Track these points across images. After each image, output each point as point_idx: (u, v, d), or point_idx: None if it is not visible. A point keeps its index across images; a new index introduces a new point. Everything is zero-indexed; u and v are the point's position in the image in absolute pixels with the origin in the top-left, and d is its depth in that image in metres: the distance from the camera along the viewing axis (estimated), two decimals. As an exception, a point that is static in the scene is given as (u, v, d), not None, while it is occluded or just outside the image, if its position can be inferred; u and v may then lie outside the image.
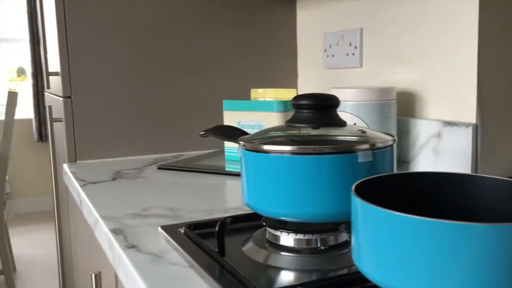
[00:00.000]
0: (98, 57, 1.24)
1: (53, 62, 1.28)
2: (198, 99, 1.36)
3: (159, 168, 1.14)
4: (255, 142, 0.60)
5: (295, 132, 0.63)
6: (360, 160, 0.56)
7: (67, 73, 1.22)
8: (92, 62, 1.24)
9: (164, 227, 0.69)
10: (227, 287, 0.50)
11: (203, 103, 1.36)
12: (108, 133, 1.27)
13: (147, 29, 1.28)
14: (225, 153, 1.21)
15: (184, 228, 0.67)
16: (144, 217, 0.78)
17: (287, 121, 0.63)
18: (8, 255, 2.62)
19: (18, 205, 4.09)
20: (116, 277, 0.76)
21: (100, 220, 0.77)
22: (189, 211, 0.80)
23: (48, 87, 1.26)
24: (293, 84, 1.47)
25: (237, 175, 1.06)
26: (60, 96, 1.26)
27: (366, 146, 0.57)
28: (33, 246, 3.37)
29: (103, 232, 0.73)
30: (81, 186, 0.98)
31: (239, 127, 1.11)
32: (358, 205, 0.43)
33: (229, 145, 1.20)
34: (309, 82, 1.42)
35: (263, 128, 1.08)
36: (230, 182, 1.01)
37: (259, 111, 1.14)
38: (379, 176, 0.51)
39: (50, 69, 1.30)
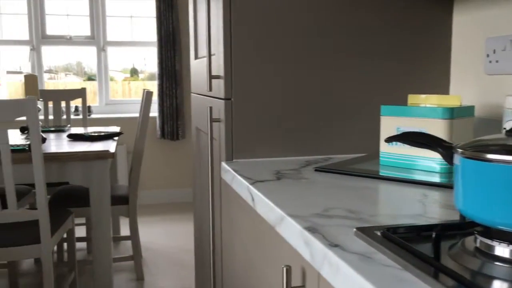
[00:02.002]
0: (258, 61, 1.30)
1: (215, 66, 1.37)
2: (351, 103, 1.37)
3: (316, 170, 1.18)
4: (473, 150, 0.60)
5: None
6: None
7: (229, 77, 1.29)
8: (253, 66, 1.30)
9: (359, 229, 0.71)
10: (459, 294, 0.51)
11: (355, 107, 1.38)
12: (263, 134, 1.33)
13: (305, 32, 1.32)
14: (380, 158, 1.21)
15: (382, 231, 0.69)
16: (328, 217, 0.80)
17: (508, 131, 0.62)
18: (139, 242, 2.83)
19: (141, 196, 4.40)
20: (312, 272, 0.79)
21: (288, 217, 0.80)
22: (370, 214, 0.82)
23: (210, 90, 1.34)
24: (444, 89, 1.43)
25: (392, 180, 1.06)
26: (220, 98, 1.34)
27: None
28: (156, 235, 3.60)
29: (294, 229, 0.77)
30: (251, 184, 1.04)
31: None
32: None
33: (385, 150, 1.20)
34: (463, 87, 1.38)
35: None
36: (389, 187, 1.01)
37: (422, 118, 1.12)
38: None
39: (213, 73, 1.39)
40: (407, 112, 1.15)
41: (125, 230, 3.67)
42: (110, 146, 2.45)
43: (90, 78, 4.50)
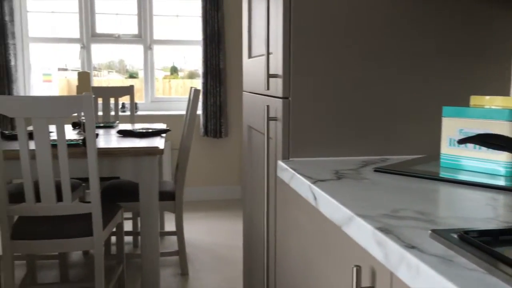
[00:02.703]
0: (317, 59, 1.30)
1: (272, 64, 1.38)
2: (409, 104, 1.36)
3: (375, 171, 1.17)
4: None
5: None
6: None
7: (287, 75, 1.30)
8: (311, 65, 1.30)
9: (435, 231, 0.70)
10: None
11: (414, 107, 1.36)
12: (319, 134, 1.33)
13: (366, 31, 1.31)
14: (441, 160, 1.19)
15: (460, 233, 0.68)
16: (399, 218, 0.80)
17: None
18: (184, 238, 2.88)
19: (184, 193, 4.46)
20: (383, 273, 0.79)
21: (357, 218, 0.80)
22: (440, 216, 0.81)
23: (268, 88, 1.35)
24: (504, 90, 1.39)
25: (455, 182, 1.04)
26: (278, 97, 1.34)
27: None
28: (199, 231, 3.65)
29: (365, 230, 0.77)
30: (313, 183, 1.04)
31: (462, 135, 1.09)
32: None
33: (446, 152, 1.18)
34: (526, 90, 1.34)
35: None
36: (453, 189, 0.99)
37: (487, 119, 1.10)
38: None
39: (270, 71, 1.40)
40: (471, 113, 1.12)
41: (168, 226, 3.74)
42: (159, 142, 2.50)
43: (132, 76, 4.61)
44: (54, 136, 2.32)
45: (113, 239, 3.26)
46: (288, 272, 1.30)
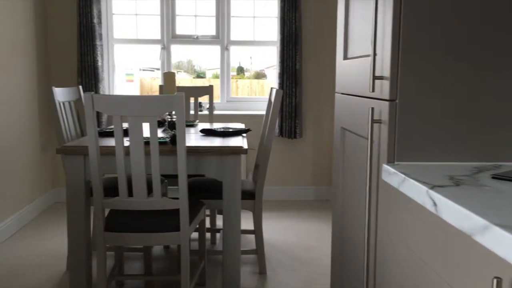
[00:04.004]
0: (427, 60, 1.26)
1: (378, 66, 1.35)
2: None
3: (493, 177, 1.11)
4: None
5: None
6: None
7: (395, 77, 1.27)
8: (421, 66, 1.26)
9: None
10: None
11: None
12: (427, 137, 1.28)
13: (480, 31, 1.26)
14: None
15: None
16: (541, 230, 0.75)
17: None
18: (262, 237, 2.90)
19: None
20: None
21: (495, 227, 0.77)
22: None
23: (373, 90, 1.33)
24: None
25: None
26: (383, 99, 1.32)
27: None
28: (275, 231, 3.66)
29: (507, 240, 0.73)
30: (430, 189, 1.01)
31: None
32: None
33: None
34: None
35: None
36: None
37: None
38: None
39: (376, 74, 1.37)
40: None
41: (244, 224, 3.78)
42: (243, 142, 2.53)
43: (199, 76, 4.72)
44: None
45: (192, 235, 3.34)
46: (391, 278, 1.27)
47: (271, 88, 3.05)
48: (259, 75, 4.74)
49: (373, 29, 1.32)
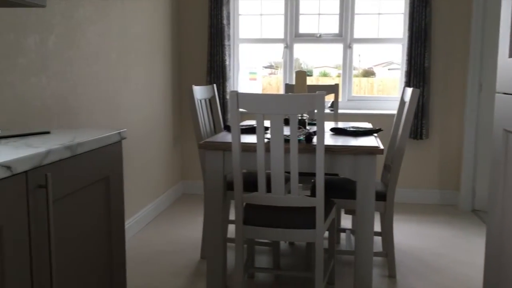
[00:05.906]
0: None
1: None
2: None
3: None
4: None
5: None
6: None
7: None
8: None
9: None
10: None
11: None
12: None
13: None
14: None
15: None
16: None
17: None
18: (393, 239, 2.83)
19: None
20: None
21: None
22: None
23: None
24: None
25: None
26: None
27: None
28: (403, 234, 3.56)
29: None
30: None
31: None
32: None
33: None
34: None
35: None
36: None
37: None
38: None
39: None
40: None
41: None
42: (377, 142, 2.49)
43: (307, 74, 4.72)
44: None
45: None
46: None
47: (405, 87, 2.96)
48: (368, 73, 4.63)
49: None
